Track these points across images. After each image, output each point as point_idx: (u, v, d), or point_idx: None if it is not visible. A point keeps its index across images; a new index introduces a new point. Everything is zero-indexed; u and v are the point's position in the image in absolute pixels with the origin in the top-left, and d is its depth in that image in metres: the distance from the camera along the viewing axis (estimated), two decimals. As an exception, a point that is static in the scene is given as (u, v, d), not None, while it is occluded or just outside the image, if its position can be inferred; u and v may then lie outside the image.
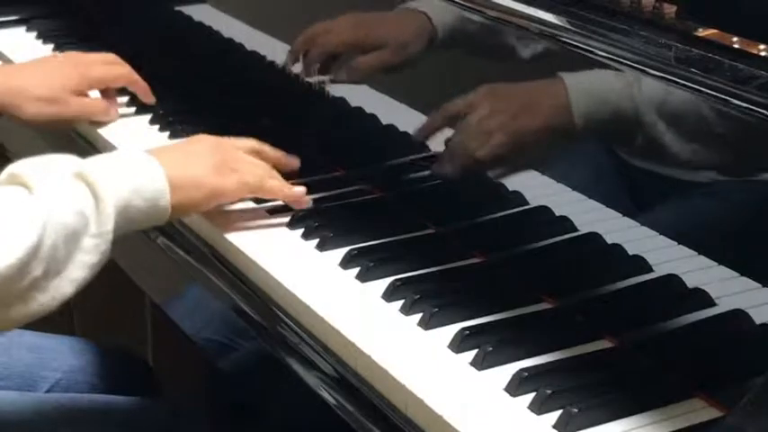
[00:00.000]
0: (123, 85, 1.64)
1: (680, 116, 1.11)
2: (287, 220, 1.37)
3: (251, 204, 1.40)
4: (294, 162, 1.41)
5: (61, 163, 1.19)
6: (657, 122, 1.12)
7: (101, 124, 1.61)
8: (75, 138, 1.65)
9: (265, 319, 1.25)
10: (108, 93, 1.64)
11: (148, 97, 1.64)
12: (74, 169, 1.17)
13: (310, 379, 1.17)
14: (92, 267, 1.15)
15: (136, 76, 1.64)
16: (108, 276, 1.20)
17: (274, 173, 1.36)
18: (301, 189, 1.36)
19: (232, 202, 1.38)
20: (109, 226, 1.16)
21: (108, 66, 1.63)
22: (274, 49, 1.64)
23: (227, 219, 1.37)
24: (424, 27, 1.41)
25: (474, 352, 1.11)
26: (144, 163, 1.25)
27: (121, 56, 1.65)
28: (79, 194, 1.15)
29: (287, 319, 1.23)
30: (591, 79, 1.19)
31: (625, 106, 1.15)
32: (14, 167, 1.16)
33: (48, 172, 1.16)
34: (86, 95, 1.61)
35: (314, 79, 1.57)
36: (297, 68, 1.60)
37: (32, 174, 1.14)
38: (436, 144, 1.39)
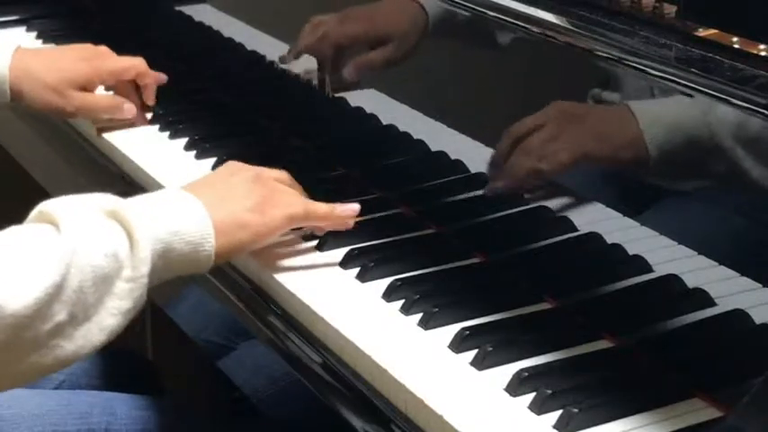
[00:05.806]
0: (133, 77, 1.58)
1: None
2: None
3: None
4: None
5: (95, 201, 1.10)
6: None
7: (112, 121, 1.59)
8: (75, 137, 1.66)
9: (264, 318, 1.25)
10: (122, 89, 1.59)
11: (150, 97, 1.60)
12: (108, 207, 1.09)
13: (309, 379, 1.17)
14: (125, 314, 1.07)
15: (147, 69, 1.58)
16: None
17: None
18: (351, 208, 1.27)
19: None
20: (144, 269, 1.07)
21: (118, 58, 1.58)
22: (275, 49, 1.64)
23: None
24: (419, 16, 1.39)
25: (474, 352, 1.11)
26: (186, 202, 1.15)
27: (121, 56, 1.64)
28: (112, 235, 1.06)
29: (287, 319, 1.23)
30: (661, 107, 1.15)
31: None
32: (45, 205, 1.08)
33: (79, 210, 1.07)
34: (91, 91, 1.56)
35: (317, 80, 1.57)
36: (297, 68, 1.60)
37: (62, 211, 1.06)
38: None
